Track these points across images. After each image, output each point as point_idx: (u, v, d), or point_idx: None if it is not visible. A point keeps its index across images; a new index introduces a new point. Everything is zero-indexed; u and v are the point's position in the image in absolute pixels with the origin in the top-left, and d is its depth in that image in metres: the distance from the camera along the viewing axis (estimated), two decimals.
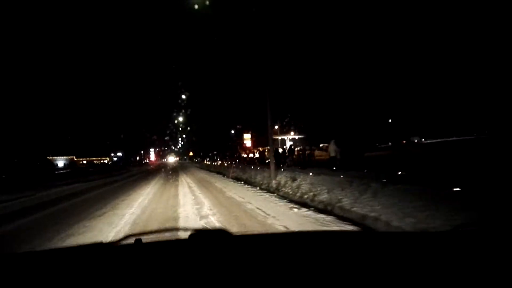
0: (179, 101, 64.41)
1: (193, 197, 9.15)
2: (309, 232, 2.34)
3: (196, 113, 61.11)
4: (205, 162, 54.20)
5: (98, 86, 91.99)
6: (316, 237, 1.54)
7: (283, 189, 9.59)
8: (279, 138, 56.08)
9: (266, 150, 32.29)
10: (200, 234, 1.35)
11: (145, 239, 1.34)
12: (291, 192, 8.75)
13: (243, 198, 8.68)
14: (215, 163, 36.52)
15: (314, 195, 7.49)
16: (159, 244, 1.47)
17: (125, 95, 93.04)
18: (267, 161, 27.01)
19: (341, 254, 1.11)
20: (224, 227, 2.57)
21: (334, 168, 14.12)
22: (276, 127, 61.24)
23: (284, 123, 62.51)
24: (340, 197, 6.70)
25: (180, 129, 75.84)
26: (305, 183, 9.27)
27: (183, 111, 61.12)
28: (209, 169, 29.76)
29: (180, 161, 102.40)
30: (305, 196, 7.77)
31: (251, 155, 33.60)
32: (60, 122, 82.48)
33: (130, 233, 1.52)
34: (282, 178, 11.48)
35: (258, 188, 11.38)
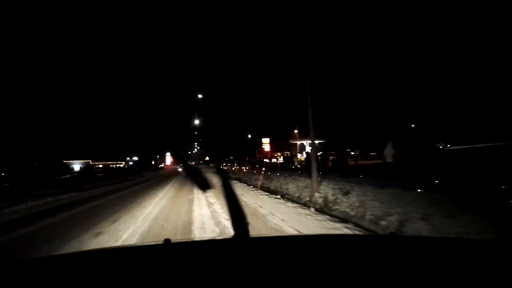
0: (195, 104, 62.69)
1: (215, 222, 6.60)
2: (329, 235, 2.63)
3: (213, 117, 59.07)
4: (223, 167, 52.09)
5: (116, 91, 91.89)
6: (338, 240, 1.56)
7: (335, 206, 6.98)
8: (298, 143, 53.93)
9: (288, 155, 29.64)
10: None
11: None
12: (352, 213, 6.14)
13: (285, 220, 6.13)
14: (233, 168, 34.10)
15: (401, 222, 4.86)
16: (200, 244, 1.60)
17: (142, 100, 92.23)
18: (293, 167, 24.60)
19: (363, 258, 1.09)
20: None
21: (389, 176, 11.37)
22: (295, 131, 58.63)
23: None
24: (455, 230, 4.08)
25: (196, 132, 74.01)
26: (369, 200, 6.64)
27: (199, 114, 59.18)
28: (227, 175, 27.27)
29: (196, 165, 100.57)
30: (383, 222, 5.15)
31: (272, 160, 31.00)
32: (78, 126, 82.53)
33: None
34: (328, 190, 8.90)
35: (296, 203, 8.78)
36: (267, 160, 28.67)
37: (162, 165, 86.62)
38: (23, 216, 8.58)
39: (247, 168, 35.58)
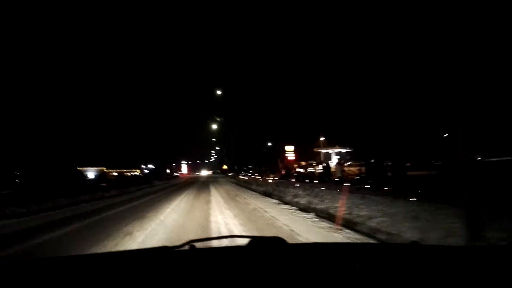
0: (213, 104, 58.95)
1: None
2: (367, 244, 2.84)
3: (231, 122, 55.09)
4: (240, 176, 47.38)
5: (132, 99, 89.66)
6: (373, 250, 1.61)
7: None
8: (323, 151, 49.07)
9: (325, 164, 24.85)
10: (257, 242, 1.36)
11: (204, 245, 1.50)
12: None
13: None
14: (258, 179, 29.56)
15: None
16: (221, 250, 1.63)
17: (158, 106, 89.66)
18: (327, 179, 20.01)
19: (397, 267, 1.12)
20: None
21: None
22: (322, 138, 53.71)
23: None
24: None
25: (214, 139, 70.36)
26: None
27: (217, 116, 55.23)
28: (249, 186, 22.84)
29: (213, 174, 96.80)
30: None
31: (298, 169, 26.33)
32: (93, 133, 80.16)
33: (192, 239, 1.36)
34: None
35: None
36: (302, 170, 24.05)
37: (177, 174, 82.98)
38: None
39: (273, 178, 31.20)
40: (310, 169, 23.32)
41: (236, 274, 1.04)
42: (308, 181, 21.78)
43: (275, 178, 34.82)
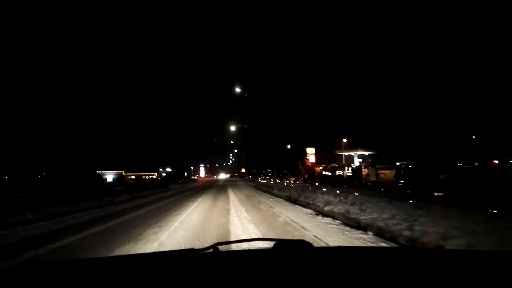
0: (232, 103, 57.39)
1: None
2: (393, 248, 3.00)
3: (250, 125, 53.24)
4: (260, 180, 45.39)
5: (151, 102, 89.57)
6: (396, 254, 1.63)
7: None
8: (346, 154, 46.35)
9: (355, 167, 22.59)
10: (282, 245, 1.34)
11: (229, 247, 1.69)
12: None
13: None
14: (278, 183, 27.42)
15: None
16: (246, 253, 1.58)
17: (177, 110, 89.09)
18: (368, 183, 17.51)
19: (419, 272, 1.11)
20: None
21: None
22: (344, 140, 51.26)
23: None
24: None
25: (232, 142, 68.65)
26: None
27: (236, 118, 53.55)
28: (270, 190, 20.84)
29: (231, 178, 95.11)
30: None
31: (325, 173, 24.01)
32: (112, 136, 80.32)
33: (217, 242, 1.40)
34: None
35: None
36: (328, 174, 21.73)
37: (195, 177, 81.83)
38: None
39: (294, 182, 29.06)
40: (338, 172, 21.04)
41: (261, 277, 1.04)
42: (330, 185, 19.62)
43: (296, 182, 32.64)
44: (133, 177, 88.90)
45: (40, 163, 64.84)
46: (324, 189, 15.74)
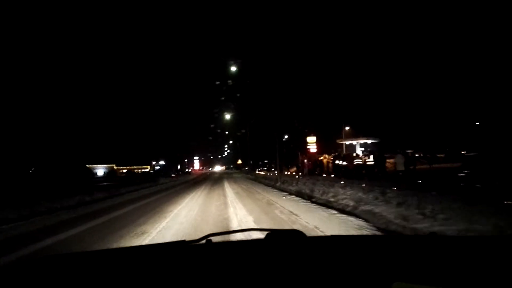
0: (224, 98, 54.27)
1: None
2: (386, 236, 2.99)
3: (247, 114, 50.23)
4: (258, 172, 42.54)
5: (142, 93, 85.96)
6: (389, 241, 1.61)
7: None
8: (347, 142, 43.77)
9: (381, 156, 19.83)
10: (274, 235, 1.34)
11: (224, 238, 1.59)
12: None
13: None
14: (280, 175, 24.40)
15: None
16: (239, 244, 1.68)
17: (169, 101, 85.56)
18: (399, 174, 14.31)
19: (411, 258, 1.11)
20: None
21: None
22: (347, 128, 48.53)
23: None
24: None
25: (227, 132, 65.76)
26: None
27: (230, 104, 50.49)
28: (274, 184, 18.07)
29: (226, 170, 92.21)
30: None
31: (337, 162, 21.11)
32: (103, 129, 76.80)
33: (209, 233, 1.35)
34: None
35: None
36: (343, 163, 18.64)
37: (189, 170, 78.91)
38: None
39: (298, 173, 26.30)
40: (357, 161, 18.11)
41: (253, 267, 1.04)
42: (345, 177, 16.82)
43: (299, 174, 29.99)
44: (124, 170, 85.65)
45: (29, 157, 61.65)
46: (342, 182, 12.97)
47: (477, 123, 46.93)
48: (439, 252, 1.16)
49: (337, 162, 20.21)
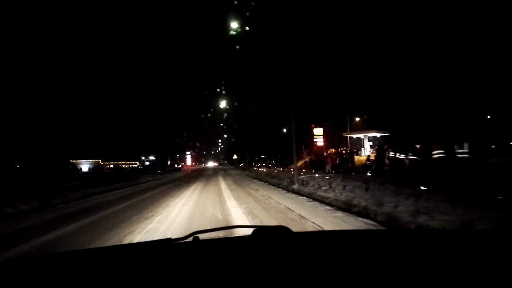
0: (220, 90, 48.97)
1: None
2: (372, 231, 2.87)
3: (244, 103, 45.04)
4: (257, 168, 37.39)
5: (129, 84, 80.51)
6: (376, 236, 1.59)
7: None
8: (354, 136, 39.51)
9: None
10: (261, 231, 1.33)
11: (211, 235, 1.40)
12: None
13: None
14: (285, 171, 19.01)
15: None
16: (227, 240, 1.54)
17: (158, 93, 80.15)
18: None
19: (396, 253, 1.11)
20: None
21: None
22: (357, 120, 43.81)
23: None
24: None
25: (222, 124, 60.64)
26: None
27: (227, 97, 45.19)
28: (285, 185, 13.14)
29: (220, 166, 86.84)
30: None
31: (371, 156, 16.08)
32: (88, 122, 71.38)
33: (196, 230, 1.31)
34: None
35: None
36: (372, 157, 13.96)
37: (179, 166, 73.58)
38: None
39: (307, 170, 21.21)
40: (400, 156, 13.06)
41: (239, 263, 1.03)
42: (393, 177, 11.80)
43: (312, 171, 25.18)
44: (111, 166, 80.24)
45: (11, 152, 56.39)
46: (423, 188, 8.05)
47: (488, 116, 42.05)
48: (427, 246, 1.17)
49: (398, 156, 14.03)
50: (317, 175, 15.29)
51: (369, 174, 14.24)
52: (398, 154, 13.68)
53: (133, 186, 17.61)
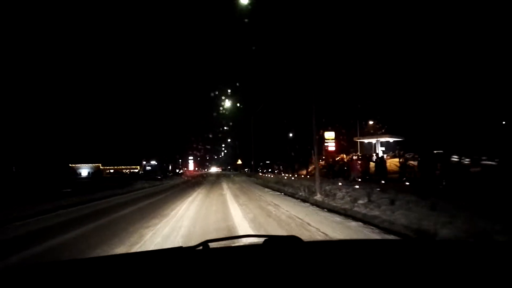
0: (224, 93, 46.69)
1: None
2: (376, 240, 2.72)
3: (247, 108, 42.57)
4: (263, 174, 34.71)
5: (132, 86, 78.67)
6: (386, 246, 1.55)
7: None
8: (365, 141, 37.22)
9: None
10: (272, 241, 1.33)
11: (222, 244, 1.39)
12: None
13: None
14: (298, 178, 16.28)
15: None
16: (237, 249, 1.52)
17: (161, 96, 78.15)
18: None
19: (407, 264, 1.08)
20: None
21: None
22: (371, 124, 41.41)
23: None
24: None
25: (226, 128, 58.12)
26: None
27: (229, 102, 42.79)
28: (305, 196, 10.63)
29: (223, 171, 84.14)
30: None
31: (412, 162, 13.38)
32: (89, 125, 69.37)
33: (207, 239, 1.28)
34: None
35: None
36: (405, 162, 11.22)
37: (181, 171, 71.12)
38: None
39: (309, 176, 18.57)
40: (465, 161, 10.15)
41: (250, 272, 1.02)
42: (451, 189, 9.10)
43: (307, 176, 22.63)
44: (111, 171, 78.01)
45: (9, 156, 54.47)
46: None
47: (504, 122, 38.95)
48: (439, 257, 1.14)
49: (463, 160, 10.69)
50: (340, 183, 12.73)
51: (407, 184, 11.60)
52: (463, 159, 10.97)
53: (122, 195, 15.05)
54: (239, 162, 56.37)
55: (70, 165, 75.73)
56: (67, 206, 9.91)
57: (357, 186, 10.93)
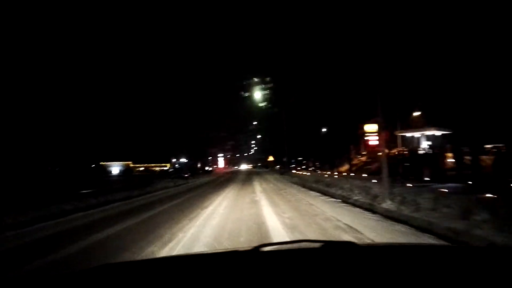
0: (254, 89, 44.24)
1: None
2: (441, 246, 2.51)
3: (279, 105, 39.78)
4: (296, 172, 31.75)
5: (162, 84, 78.52)
6: (447, 252, 1.50)
7: None
8: (408, 135, 33.69)
9: None
10: (329, 245, 1.31)
11: (280, 248, 1.37)
12: None
13: None
14: (342, 176, 13.27)
15: None
16: (291, 253, 1.47)
17: (191, 95, 77.10)
18: None
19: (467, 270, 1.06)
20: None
21: None
22: (415, 115, 37.43)
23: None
24: None
25: (255, 122, 55.74)
26: None
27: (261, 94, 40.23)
28: (371, 205, 7.72)
29: (254, 169, 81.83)
30: None
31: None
32: (120, 124, 69.64)
33: (261, 243, 1.28)
34: None
35: None
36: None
37: (211, 168, 69.74)
38: None
39: (348, 173, 15.30)
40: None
41: (308, 275, 1.02)
42: None
43: (351, 174, 19.50)
44: (141, 168, 78.28)
45: (43, 156, 55.84)
46: None
47: None
48: (496, 263, 1.11)
49: None
50: (409, 185, 9.71)
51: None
52: None
53: (139, 196, 12.82)
54: (271, 158, 53.54)
55: (101, 163, 76.65)
56: (73, 211, 7.72)
57: (443, 189, 7.86)
